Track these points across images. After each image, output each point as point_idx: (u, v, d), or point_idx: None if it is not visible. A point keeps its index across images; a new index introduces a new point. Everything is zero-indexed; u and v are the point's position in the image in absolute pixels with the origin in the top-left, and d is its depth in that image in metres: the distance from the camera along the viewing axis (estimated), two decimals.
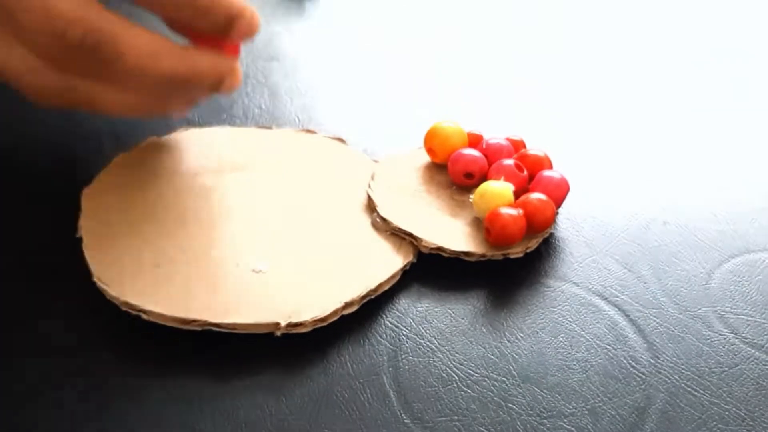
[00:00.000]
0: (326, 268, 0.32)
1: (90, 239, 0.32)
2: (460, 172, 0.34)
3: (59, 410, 0.28)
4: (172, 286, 0.30)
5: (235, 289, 0.30)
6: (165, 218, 0.33)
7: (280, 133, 0.38)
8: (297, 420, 0.28)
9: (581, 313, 0.31)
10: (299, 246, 0.32)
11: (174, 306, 0.30)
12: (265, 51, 0.44)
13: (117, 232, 0.32)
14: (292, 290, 0.31)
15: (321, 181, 0.35)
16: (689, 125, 0.40)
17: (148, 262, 0.31)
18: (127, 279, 0.30)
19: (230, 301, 0.30)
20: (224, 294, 0.30)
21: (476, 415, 0.28)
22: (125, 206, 0.33)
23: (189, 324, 0.29)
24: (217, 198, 0.34)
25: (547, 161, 0.35)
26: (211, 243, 0.32)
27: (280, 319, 0.30)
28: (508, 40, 0.46)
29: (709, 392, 0.29)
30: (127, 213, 0.33)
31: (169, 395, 0.28)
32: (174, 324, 0.29)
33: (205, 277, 0.31)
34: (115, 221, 0.33)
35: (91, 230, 0.32)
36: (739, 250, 0.34)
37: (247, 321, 0.29)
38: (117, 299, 0.30)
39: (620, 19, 0.48)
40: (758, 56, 0.45)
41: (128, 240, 0.32)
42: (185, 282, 0.31)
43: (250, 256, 0.32)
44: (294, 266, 0.32)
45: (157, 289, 0.30)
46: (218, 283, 0.31)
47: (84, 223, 0.32)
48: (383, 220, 0.33)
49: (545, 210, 0.33)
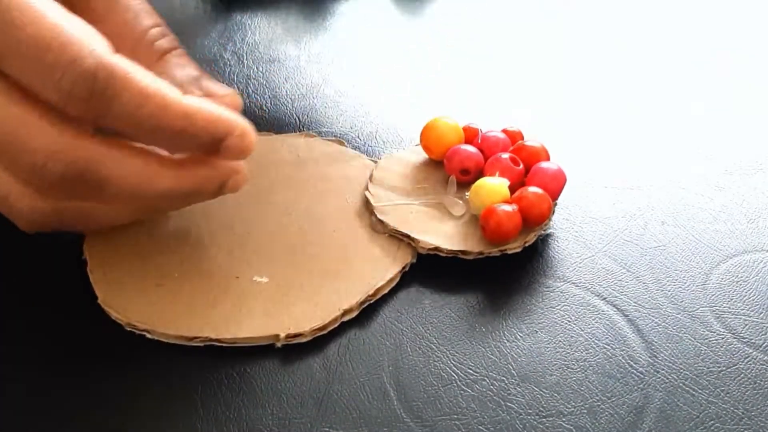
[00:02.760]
0: (324, 275, 0.32)
1: (93, 261, 0.32)
2: (456, 169, 0.35)
3: (57, 409, 0.28)
4: (175, 304, 0.31)
5: (235, 302, 0.31)
6: (164, 233, 0.33)
7: (278, 140, 0.38)
8: (297, 419, 0.28)
9: (580, 312, 0.31)
10: (298, 253, 0.33)
11: (177, 324, 0.30)
12: (267, 53, 0.44)
13: (119, 250, 0.32)
14: (291, 300, 0.31)
15: (320, 186, 0.35)
16: (688, 125, 0.40)
17: (150, 281, 0.31)
18: (130, 300, 0.31)
19: (230, 316, 0.30)
20: (225, 308, 0.30)
21: (475, 414, 0.28)
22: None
23: (191, 341, 0.30)
24: (215, 209, 0.34)
25: (543, 153, 0.35)
26: (210, 256, 0.32)
27: (280, 330, 0.30)
28: (509, 41, 0.46)
29: (707, 391, 0.29)
30: (127, 229, 0.33)
31: (170, 393, 0.28)
32: (177, 341, 0.30)
33: (206, 292, 0.31)
34: (117, 240, 0.33)
35: (95, 252, 0.32)
36: (737, 250, 0.34)
37: (247, 335, 0.30)
38: (122, 320, 0.30)
39: (619, 10, 0.48)
40: (758, 56, 0.45)
41: (131, 259, 0.32)
42: (187, 299, 0.31)
43: (250, 268, 0.32)
44: (293, 276, 0.32)
45: (159, 308, 0.30)
46: (219, 298, 0.31)
47: (88, 245, 0.32)
48: (381, 223, 0.34)
49: (541, 204, 0.33)
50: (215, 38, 0.45)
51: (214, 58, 0.44)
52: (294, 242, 0.33)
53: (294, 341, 0.30)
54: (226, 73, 0.43)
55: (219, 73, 0.43)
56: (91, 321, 0.31)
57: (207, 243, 0.33)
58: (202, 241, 0.33)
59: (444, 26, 0.47)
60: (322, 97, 0.41)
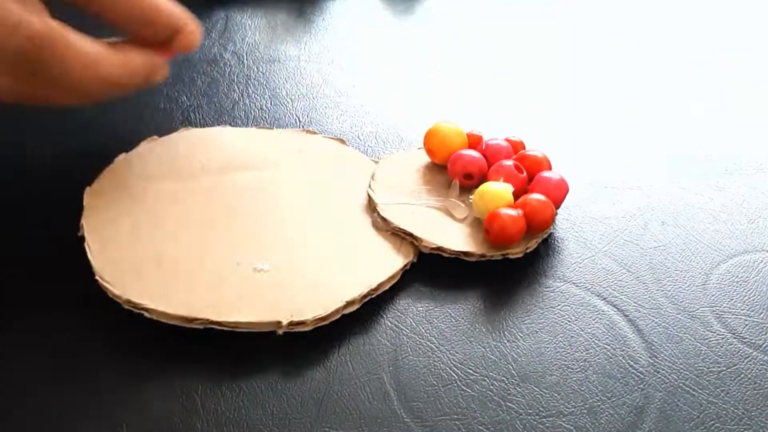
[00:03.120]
0: (327, 267, 0.32)
1: (92, 237, 0.32)
2: (459, 173, 0.35)
3: (58, 407, 0.28)
4: (174, 285, 0.31)
5: (236, 287, 0.31)
6: (166, 217, 0.33)
7: (280, 134, 0.38)
8: (298, 419, 0.28)
9: (580, 313, 0.31)
10: (300, 245, 0.33)
11: (176, 304, 0.30)
12: (267, 53, 0.44)
13: (119, 230, 0.32)
14: (294, 289, 0.31)
15: (322, 181, 0.36)
16: (688, 125, 0.40)
17: (149, 261, 0.31)
18: (129, 277, 0.31)
19: (232, 300, 0.30)
20: (226, 292, 0.30)
21: (476, 414, 0.28)
22: (127, 205, 0.34)
23: (191, 322, 0.29)
24: (218, 197, 0.34)
25: (546, 162, 0.35)
26: (212, 242, 0.32)
27: (282, 317, 0.30)
28: (508, 41, 0.46)
29: (707, 391, 0.29)
30: (130, 212, 0.33)
31: (170, 393, 0.28)
32: (176, 322, 0.30)
33: (207, 275, 0.31)
34: (118, 220, 0.33)
35: (94, 229, 0.32)
36: (737, 251, 0.34)
37: (249, 320, 0.30)
38: (119, 297, 0.30)
39: (619, 10, 0.48)
40: (759, 56, 0.45)
41: (130, 239, 0.32)
42: (187, 281, 0.31)
43: (251, 256, 0.32)
44: (295, 265, 0.32)
45: (159, 287, 0.30)
46: (220, 282, 0.31)
47: (86, 222, 0.33)
48: (384, 220, 0.34)
49: (544, 211, 0.33)
50: (215, 38, 0.45)
51: (214, 58, 0.44)
52: (295, 234, 0.33)
53: (296, 329, 0.30)
54: (226, 73, 0.43)
55: (219, 73, 0.43)
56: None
57: (207, 227, 0.33)
58: (203, 224, 0.33)
59: (444, 26, 0.47)
60: (322, 97, 0.41)
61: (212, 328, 0.30)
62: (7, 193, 0.35)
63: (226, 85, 0.42)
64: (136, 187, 0.34)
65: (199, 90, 0.42)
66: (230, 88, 0.42)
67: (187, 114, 0.40)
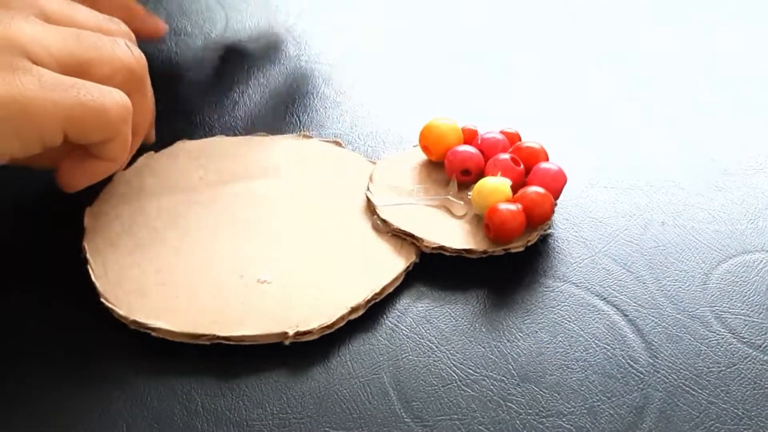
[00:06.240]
0: (330, 274, 0.32)
1: (95, 259, 0.32)
2: (456, 170, 0.35)
3: (58, 407, 0.28)
4: (179, 302, 0.31)
5: (241, 301, 0.31)
6: (166, 232, 0.33)
7: (276, 141, 0.38)
8: (298, 419, 0.28)
9: (580, 313, 0.31)
10: (301, 254, 0.33)
11: (182, 322, 0.30)
12: (267, 53, 0.44)
13: (121, 249, 0.32)
14: (298, 299, 0.31)
15: (320, 186, 0.35)
16: (688, 125, 0.40)
17: (152, 279, 0.31)
18: (133, 297, 0.31)
19: (237, 314, 0.30)
20: (231, 307, 0.30)
21: (476, 414, 0.28)
22: (127, 222, 0.33)
23: (198, 339, 0.30)
24: (217, 210, 0.34)
25: (542, 153, 0.35)
26: (213, 255, 0.32)
27: (288, 328, 0.30)
28: (508, 35, 0.46)
29: (706, 391, 0.29)
30: (130, 229, 0.33)
31: (170, 393, 0.28)
32: (183, 339, 0.30)
33: (210, 290, 0.31)
34: (119, 238, 0.33)
35: (96, 250, 0.32)
36: (736, 251, 0.34)
37: (255, 333, 0.30)
38: (126, 318, 0.30)
39: (619, 10, 0.48)
40: (758, 56, 0.45)
41: (132, 258, 0.32)
42: (191, 297, 0.31)
43: (253, 268, 0.32)
44: (298, 275, 0.32)
45: (164, 305, 0.30)
46: (224, 296, 0.31)
47: (88, 244, 0.33)
48: (383, 222, 0.34)
49: (543, 203, 0.33)
50: (215, 38, 0.45)
51: (214, 59, 0.44)
52: (296, 243, 0.33)
53: (302, 339, 0.30)
54: (226, 74, 0.43)
55: (219, 73, 0.43)
56: (92, 320, 0.31)
57: (209, 240, 0.33)
58: (204, 238, 0.33)
59: (443, 26, 0.47)
60: (322, 97, 0.41)
61: (219, 343, 0.30)
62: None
63: (226, 85, 0.42)
64: (136, 205, 0.34)
65: (200, 90, 0.42)
66: (230, 89, 0.42)
67: (188, 115, 0.40)
